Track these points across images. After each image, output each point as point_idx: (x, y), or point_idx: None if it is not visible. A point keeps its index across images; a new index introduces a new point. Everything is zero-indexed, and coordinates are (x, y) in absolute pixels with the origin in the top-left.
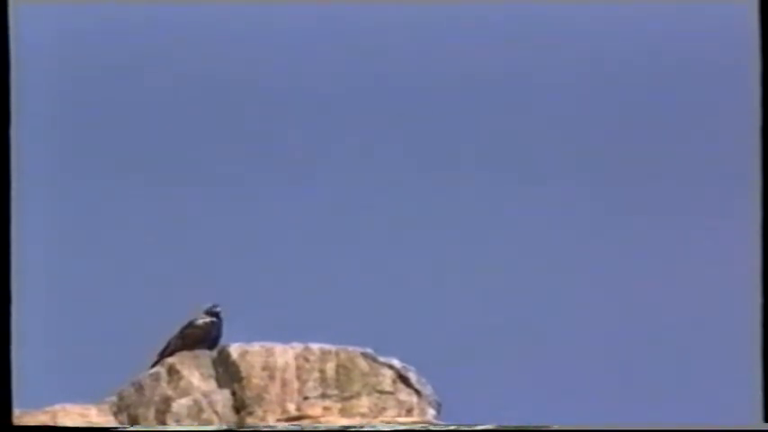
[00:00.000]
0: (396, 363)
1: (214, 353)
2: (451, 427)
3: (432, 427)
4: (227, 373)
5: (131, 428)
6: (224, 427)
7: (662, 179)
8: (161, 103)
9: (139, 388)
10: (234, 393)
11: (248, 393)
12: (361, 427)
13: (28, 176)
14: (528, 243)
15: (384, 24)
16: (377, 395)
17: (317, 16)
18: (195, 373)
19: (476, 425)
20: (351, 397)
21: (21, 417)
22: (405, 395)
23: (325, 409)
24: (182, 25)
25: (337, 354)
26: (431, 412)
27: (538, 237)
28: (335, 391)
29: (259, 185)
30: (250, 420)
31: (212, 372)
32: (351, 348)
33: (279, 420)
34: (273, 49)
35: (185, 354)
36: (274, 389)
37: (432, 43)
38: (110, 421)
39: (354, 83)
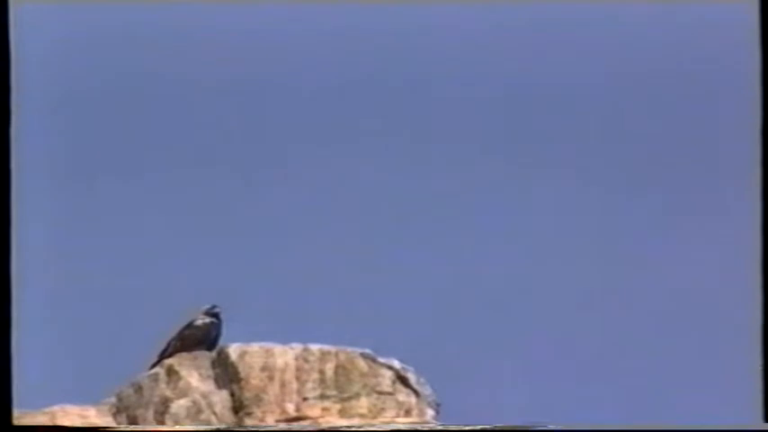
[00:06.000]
0: (395, 363)
1: (213, 353)
2: (452, 428)
3: (439, 427)
4: (226, 373)
5: (131, 429)
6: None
7: (660, 179)
8: (161, 102)
9: (138, 389)
10: (232, 394)
11: (247, 394)
12: (372, 426)
13: (28, 177)
14: (526, 243)
15: (382, 22)
16: (376, 396)
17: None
18: (194, 374)
19: (478, 425)
20: (350, 398)
21: (20, 417)
22: (404, 396)
23: (324, 409)
24: (182, 24)
25: (337, 354)
26: (430, 413)
27: (537, 237)
28: (334, 392)
29: (259, 185)
30: (249, 421)
31: (211, 372)
32: (350, 349)
33: (278, 421)
34: (272, 47)
35: (184, 355)
36: (273, 389)
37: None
38: (109, 422)
39: (352, 82)
